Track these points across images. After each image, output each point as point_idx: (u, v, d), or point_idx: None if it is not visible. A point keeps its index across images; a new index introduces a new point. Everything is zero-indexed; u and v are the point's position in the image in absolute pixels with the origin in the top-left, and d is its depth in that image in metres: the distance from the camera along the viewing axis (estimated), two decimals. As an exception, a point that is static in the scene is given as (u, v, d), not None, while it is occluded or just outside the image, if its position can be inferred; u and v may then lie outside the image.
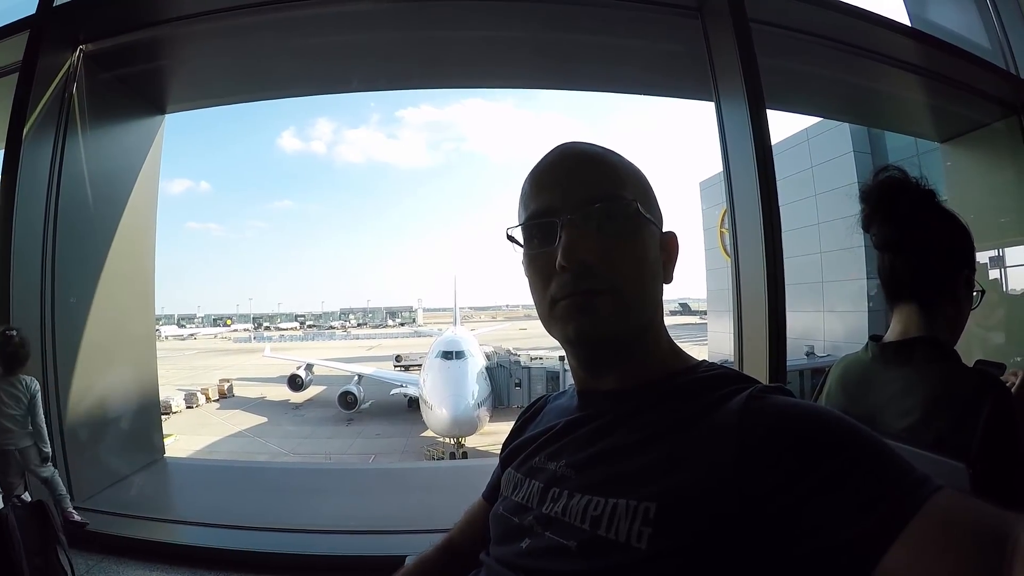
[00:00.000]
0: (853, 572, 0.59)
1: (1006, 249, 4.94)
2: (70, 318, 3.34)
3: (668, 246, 0.93)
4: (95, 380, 3.60)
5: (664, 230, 0.94)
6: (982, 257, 4.90)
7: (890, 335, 1.52)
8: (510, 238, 0.92)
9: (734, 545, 0.65)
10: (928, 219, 1.44)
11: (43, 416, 3.07)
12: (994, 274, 5.02)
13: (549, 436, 0.97)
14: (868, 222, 1.51)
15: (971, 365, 1.43)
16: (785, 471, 0.65)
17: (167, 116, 4.27)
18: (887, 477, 0.62)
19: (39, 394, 3.06)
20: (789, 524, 0.63)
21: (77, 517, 3.05)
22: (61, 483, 3.13)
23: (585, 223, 0.83)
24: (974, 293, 1.50)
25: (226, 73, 4.24)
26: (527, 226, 0.89)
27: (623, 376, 0.89)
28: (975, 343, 4.50)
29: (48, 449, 3.09)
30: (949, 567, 0.55)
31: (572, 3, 3.25)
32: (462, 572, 1.04)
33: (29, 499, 2.28)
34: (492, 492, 1.16)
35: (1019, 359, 4.55)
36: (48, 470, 3.10)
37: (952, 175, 5.15)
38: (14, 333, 2.98)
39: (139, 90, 3.96)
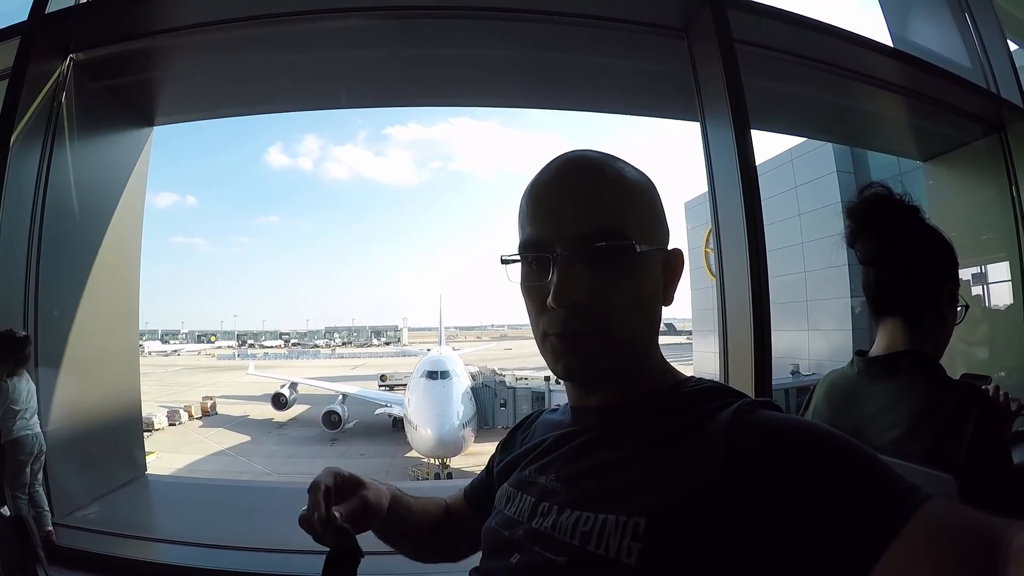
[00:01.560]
0: None
1: (988, 266, 4.99)
2: (53, 331, 3.31)
3: (672, 265, 0.92)
4: (77, 395, 3.56)
5: (669, 248, 0.92)
6: (964, 274, 4.94)
7: (875, 349, 1.54)
8: (505, 261, 0.91)
9: (724, 559, 0.65)
10: (912, 234, 1.46)
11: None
12: (977, 290, 5.06)
13: (540, 450, 0.96)
14: (853, 238, 1.53)
15: (958, 378, 1.44)
16: (774, 484, 0.65)
17: (155, 128, 4.25)
18: (877, 487, 0.63)
19: None
20: (779, 537, 0.63)
21: (54, 536, 3.05)
22: (45, 499, 3.16)
23: (578, 261, 0.82)
24: (958, 308, 1.51)
25: (215, 86, 4.24)
26: (522, 255, 0.88)
27: (615, 394, 0.89)
28: (959, 358, 4.55)
29: None
30: (941, 575, 0.56)
31: (559, 23, 3.25)
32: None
33: (8, 514, 2.25)
34: (474, 493, 1.21)
35: (1003, 374, 4.58)
36: (38, 486, 3.24)
37: (934, 193, 5.22)
38: (26, 334, 3.17)
39: (128, 101, 3.95)
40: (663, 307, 0.91)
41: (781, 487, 0.64)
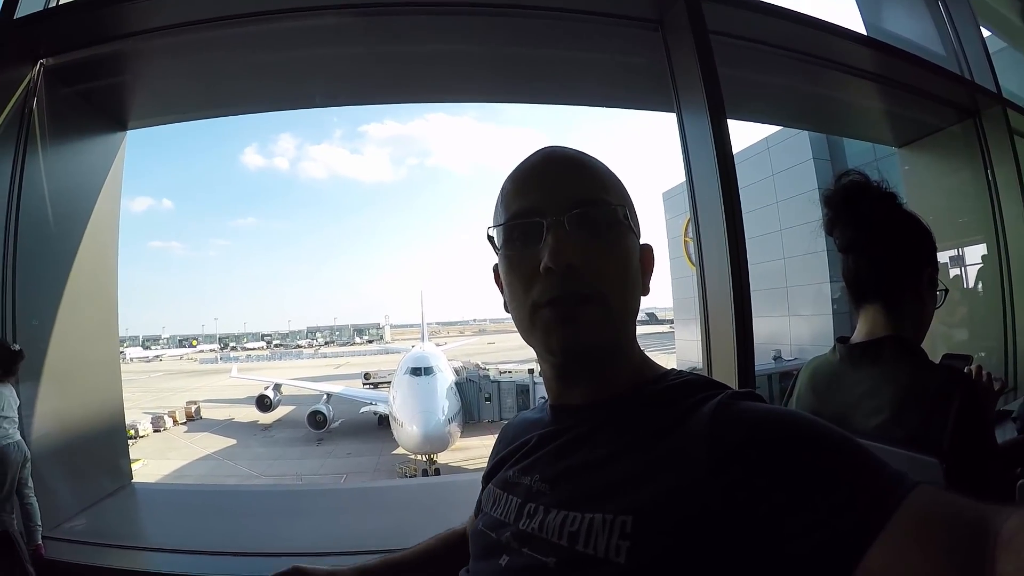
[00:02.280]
0: (834, 574, 0.59)
1: (965, 248, 5.05)
2: (32, 342, 3.26)
3: (645, 258, 0.93)
4: (59, 405, 3.51)
5: (641, 243, 0.93)
6: (942, 257, 5.01)
7: (857, 336, 1.55)
8: (490, 239, 0.91)
9: (712, 554, 0.65)
10: (890, 220, 1.47)
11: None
12: (955, 272, 5.13)
13: (523, 451, 0.96)
14: (831, 226, 1.54)
15: (938, 360, 1.45)
16: (759, 477, 0.65)
17: (129, 132, 4.19)
18: (863, 477, 0.63)
19: None
20: (767, 530, 0.63)
21: (43, 550, 3.01)
22: (38, 512, 3.11)
23: (572, 225, 0.82)
24: (938, 292, 1.53)
25: (188, 89, 4.18)
26: (509, 226, 0.88)
27: (596, 388, 0.89)
28: (940, 340, 4.60)
29: None
30: (930, 563, 0.56)
31: (534, 18, 3.24)
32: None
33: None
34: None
35: (983, 354, 4.65)
36: (31, 496, 3.18)
37: (910, 178, 5.28)
38: (20, 348, 3.15)
39: (101, 106, 3.88)
40: (641, 296, 0.92)
41: (767, 480, 0.65)
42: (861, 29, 4.07)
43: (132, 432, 30.50)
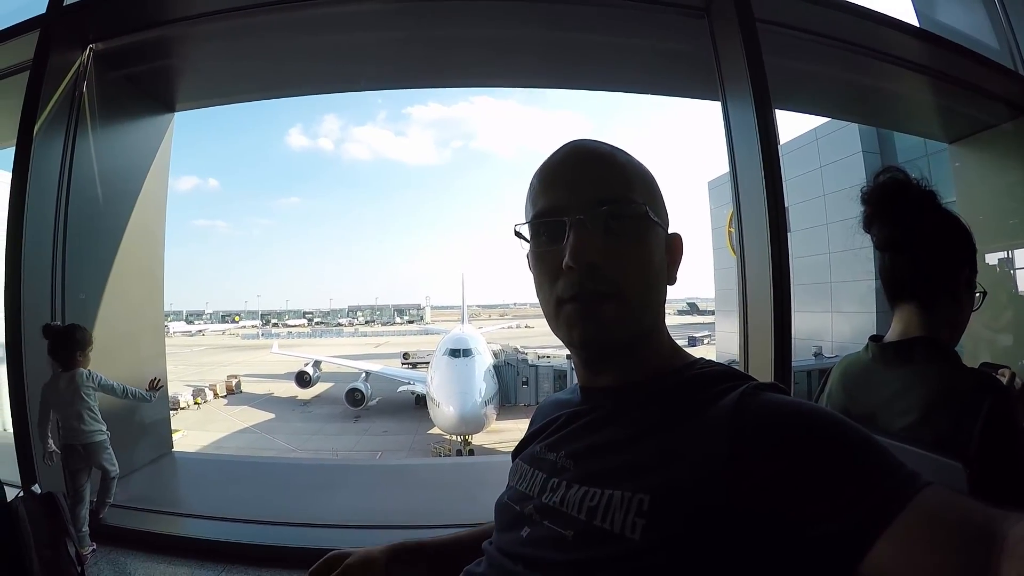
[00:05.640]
0: (839, 566, 0.60)
1: (1015, 251, 4.91)
2: (80, 314, 3.36)
3: (673, 247, 0.93)
4: (104, 376, 3.62)
5: (670, 231, 0.93)
6: (991, 259, 4.87)
7: (890, 335, 1.52)
8: (518, 234, 0.93)
9: (723, 537, 0.66)
10: (928, 219, 1.44)
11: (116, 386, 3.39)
12: (1002, 275, 4.98)
13: (552, 428, 0.98)
14: (869, 223, 1.52)
15: (977, 367, 1.42)
16: (774, 466, 0.66)
17: (176, 114, 4.29)
18: (875, 473, 0.63)
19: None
20: (777, 518, 0.64)
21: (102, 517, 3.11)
22: (113, 490, 3.22)
23: (593, 224, 0.83)
24: (976, 294, 1.50)
25: (234, 72, 4.26)
26: (535, 223, 0.89)
27: (624, 373, 0.90)
28: (983, 345, 4.49)
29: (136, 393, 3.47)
30: (935, 563, 0.56)
31: (579, 3, 3.24)
32: None
33: (39, 491, 2.31)
34: None
35: (1026, 362, 4.52)
36: (114, 470, 3.25)
37: (960, 176, 5.12)
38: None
39: (148, 89, 4.00)
40: (667, 286, 0.92)
41: (782, 470, 0.65)
42: (913, 20, 3.96)
43: (174, 404, 31.01)
